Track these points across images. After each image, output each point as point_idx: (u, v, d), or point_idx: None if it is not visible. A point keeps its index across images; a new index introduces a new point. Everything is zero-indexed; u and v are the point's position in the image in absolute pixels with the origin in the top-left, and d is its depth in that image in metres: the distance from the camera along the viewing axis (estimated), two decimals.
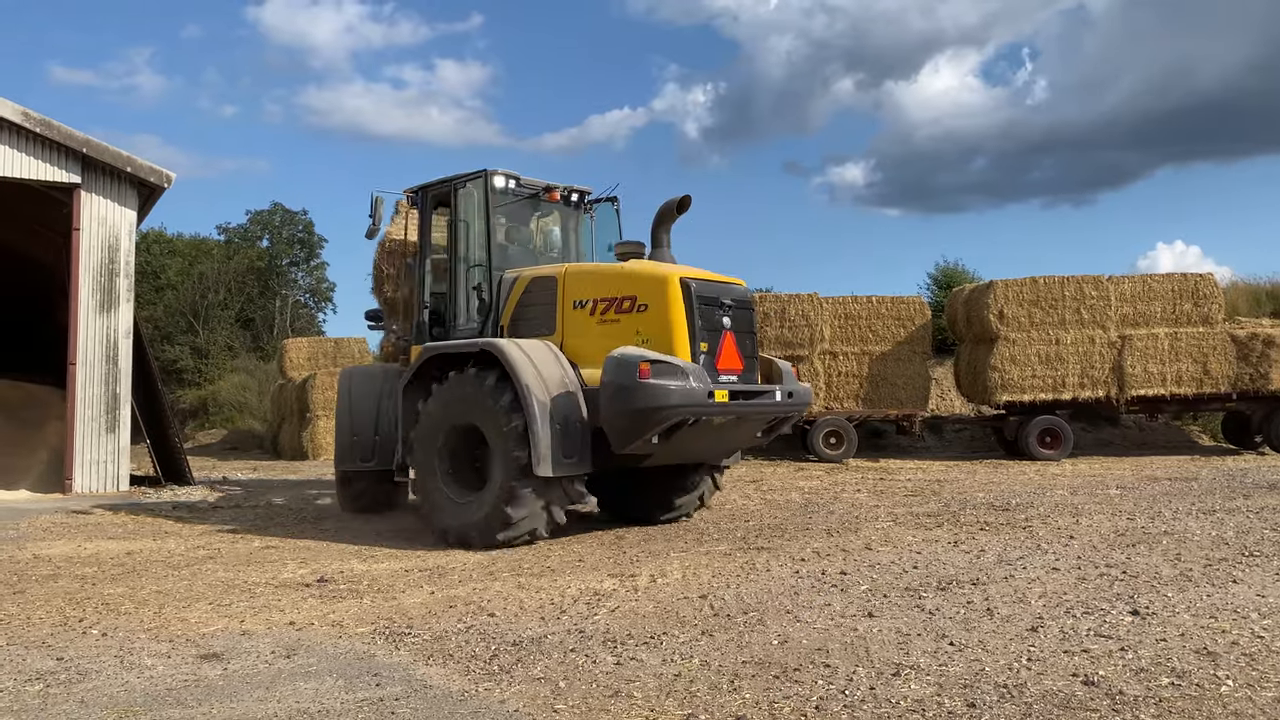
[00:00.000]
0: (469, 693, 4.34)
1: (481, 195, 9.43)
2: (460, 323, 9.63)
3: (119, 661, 4.92)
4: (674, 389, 7.91)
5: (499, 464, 8.21)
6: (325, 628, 5.62)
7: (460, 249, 9.71)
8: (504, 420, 8.12)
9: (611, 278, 8.80)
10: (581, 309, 8.78)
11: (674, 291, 8.42)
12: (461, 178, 9.64)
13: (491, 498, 8.23)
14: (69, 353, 14.39)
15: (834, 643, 5.00)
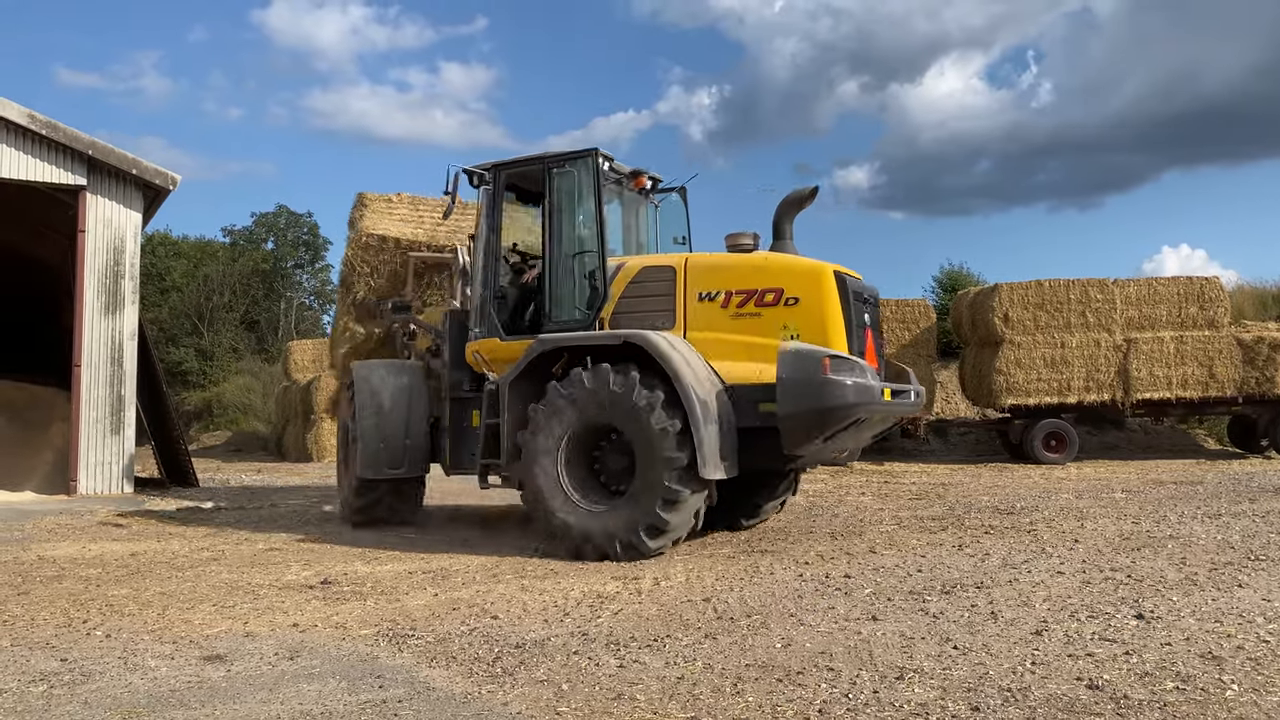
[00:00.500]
0: (472, 695, 4.34)
1: (591, 176, 8.70)
2: (561, 315, 8.70)
3: (123, 663, 4.92)
4: (856, 386, 7.63)
5: (650, 467, 7.60)
6: (329, 630, 5.62)
7: (559, 234, 8.84)
8: (657, 419, 7.55)
9: (750, 269, 8.22)
10: (710, 301, 8.15)
11: (829, 285, 7.99)
12: (558, 156, 8.90)
13: (642, 503, 7.63)
14: (74, 354, 14.42)
15: (837, 646, 4.99)
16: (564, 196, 8.87)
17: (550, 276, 8.79)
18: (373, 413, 9.58)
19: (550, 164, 8.87)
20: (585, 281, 8.69)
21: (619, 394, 7.71)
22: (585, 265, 8.72)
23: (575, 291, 8.74)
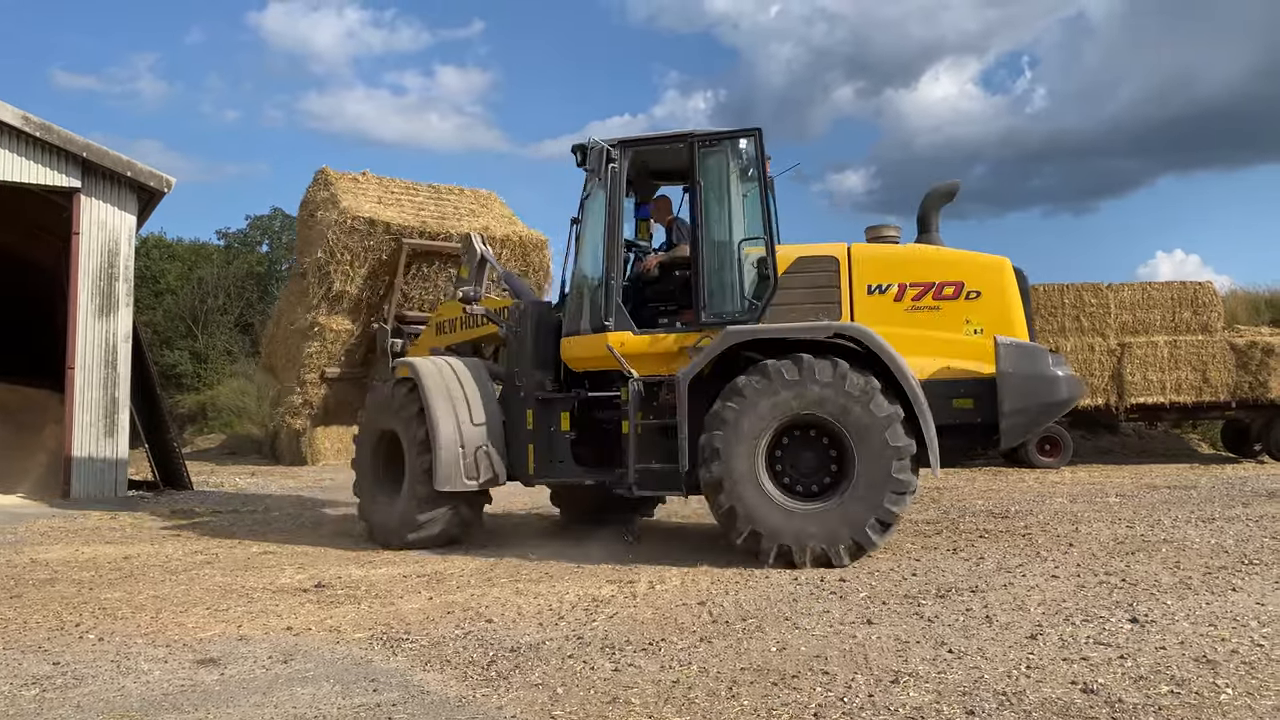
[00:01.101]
0: (466, 699, 4.33)
1: (756, 157, 8.24)
2: (722, 306, 8.09)
3: (115, 666, 4.90)
4: (1069, 379, 7.66)
5: (873, 459, 7.31)
6: (322, 633, 5.60)
7: (712, 218, 8.25)
8: (879, 407, 7.29)
9: (925, 262, 7.96)
10: (882, 294, 7.84)
11: (1010, 278, 7.88)
12: (710, 134, 8.32)
13: (868, 498, 7.33)
14: (68, 356, 14.37)
15: (833, 650, 4.98)
16: (716, 178, 8.30)
17: (703, 265, 8.13)
18: (449, 415, 8.54)
19: (698, 140, 8.25)
20: (752, 270, 8.18)
21: (830, 384, 7.37)
22: (737, 253, 8.17)
23: (735, 280, 8.16)
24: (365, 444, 9.33)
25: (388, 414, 9.00)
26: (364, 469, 9.32)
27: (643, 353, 8.09)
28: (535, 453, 8.56)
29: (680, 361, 7.95)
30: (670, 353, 8.07)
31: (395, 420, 8.87)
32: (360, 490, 9.36)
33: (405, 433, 8.71)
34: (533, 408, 8.61)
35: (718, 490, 7.46)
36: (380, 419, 9.15)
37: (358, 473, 9.40)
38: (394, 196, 12.20)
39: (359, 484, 9.38)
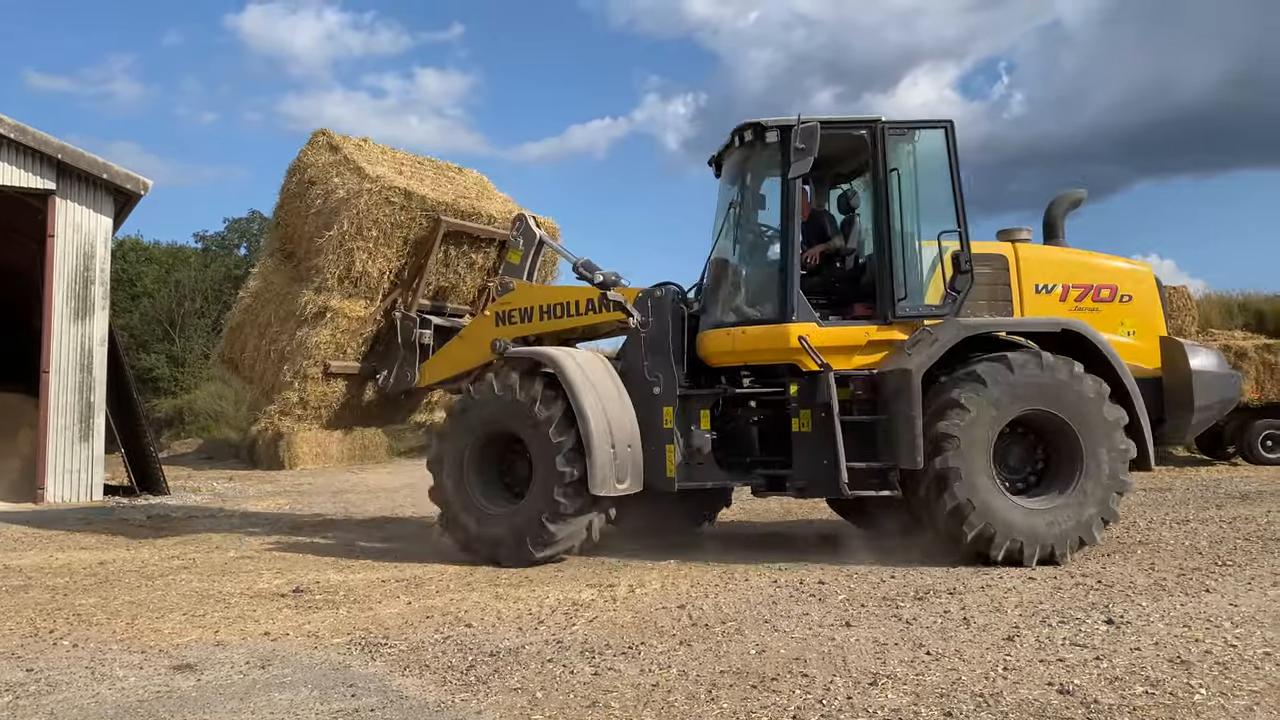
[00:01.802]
0: (445, 703, 4.31)
1: (948, 146, 7.98)
2: (921, 299, 7.88)
3: (90, 673, 4.86)
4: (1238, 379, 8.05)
5: (1099, 458, 7.38)
6: (300, 638, 5.57)
7: (900, 208, 7.91)
8: (1109, 410, 7.40)
9: (1083, 265, 8.20)
10: (1048, 294, 8.01)
11: (1154, 284, 8.28)
12: (900, 123, 8.07)
13: (1095, 495, 7.36)
14: (42, 360, 14.26)
15: (811, 652, 5.00)
16: (907, 167, 8.02)
17: (891, 256, 7.86)
18: (600, 413, 7.78)
19: (887, 127, 7.96)
20: (953, 262, 7.90)
21: (1067, 381, 7.35)
22: (938, 245, 7.96)
23: (929, 273, 7.99)
24: (457, 448, 8.20)
25: (506, 413, 7.98)
26: (456, 477, 8.18)
27: (827, 346, 7.76)
28: (675, 454, 7.98)
29: (868, 355, 7.79)
30: (857, 345, 7.81)
31: (520, 419, 7.89)
32: (450, 501, 8.19)
33: (537, 432, 7.78)
34: (672, 405, 8.02)
35: (948, 484, 7.24)
36: (489, 419, 8.09)
37: (448, 482, 8.21)
38: (409, 169, 10.54)
39: (448, 494, 8.21)
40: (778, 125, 7.88)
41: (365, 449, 23.31)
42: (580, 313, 8.63)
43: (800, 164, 7.62)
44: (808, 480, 7.73)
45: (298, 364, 9.53)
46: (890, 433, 7.46)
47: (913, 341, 7.68)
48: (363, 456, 23.16)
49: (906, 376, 7.36)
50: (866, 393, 7.70)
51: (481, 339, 8.87)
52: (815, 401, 7.66)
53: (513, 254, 9.43)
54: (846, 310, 8.02)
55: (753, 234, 8.43)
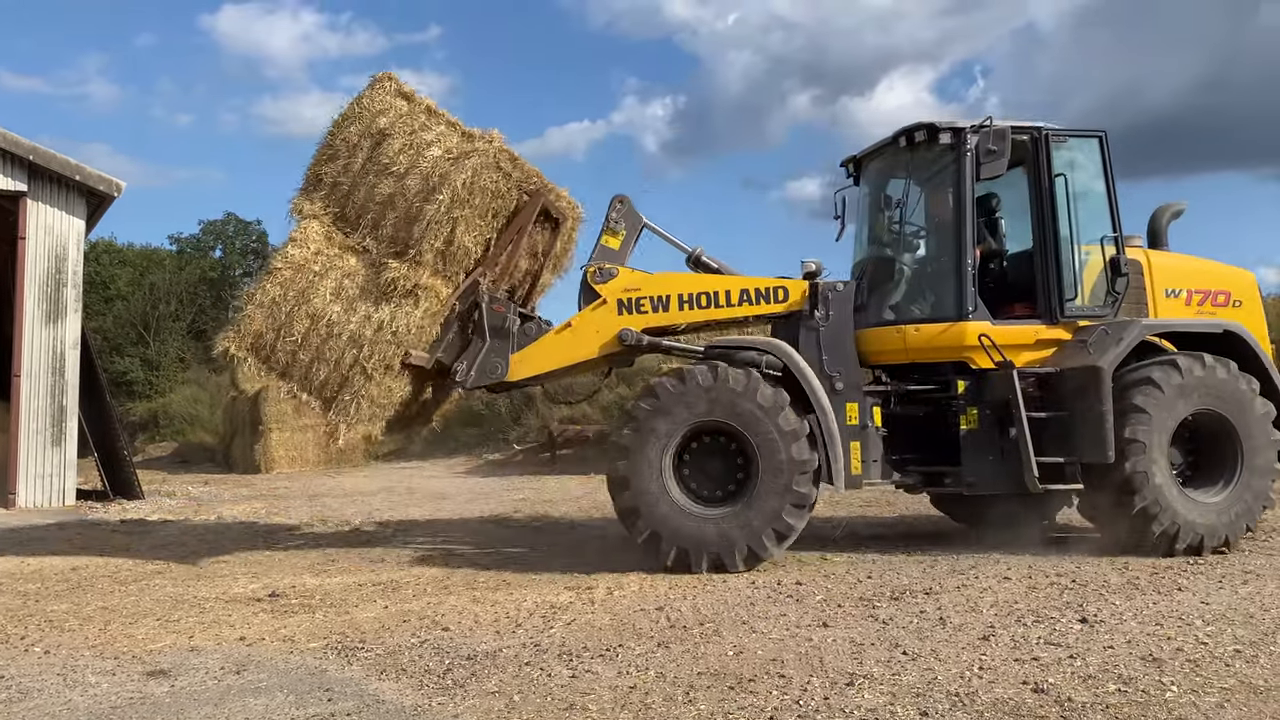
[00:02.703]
0: (422, 708, 4.30)
1: (1102, 155, 8.36)
2: (1086, 300, 8.18)
3: (62, 680, 4.81)
4: None
5: (1252, 458, 7.84)
6: (276, 643, 5.53)
7: (1060, 213, 8.18)
8: (1262, 405, 7.90)
9: (1203, 271, 8.70)
10: (1175, 298, 8.45)
11: (1257, 290, 8.81)
12: (1061, 130, 8.36)
13: (1254, 486, 7.84)
14: (14, 364, 14.09)
15: (789, 653, 5.02)
16: (1064, 171, 8.30)
17: (1058, 258, 8.15)
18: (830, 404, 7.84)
19: (1050, 133, 8.28)
20: (1112, 266, 8.23)
21: (1227, 381, 7.81)
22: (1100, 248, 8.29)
23: (1090, 275, 8.30)
24: (658, 444, 7.58)
25: (722, 404, 7.55)
26: (656, 475, 7.55)
27: (1001, 344, 7.94)
28: (860, 451, 7.89)
29: (1034, 353, 8.07)
30: (1025, 344, 8.06)
31: (741, 411, 7.51)
32: (651, 502, 7.53)
33: (766, 422, 7.47)
34: (857, 401, 7.95)
35: (1137, 487, 7.53)
36: (702, 411, 7.59)
37: (646, 481, 7.55)
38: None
39: (649, 494, 7.53)
40: (951, 128, 8.17)
41: (342, 452, 23.12)
42: (732, 303, 8.34)
43: (992, 165, 7.91)
44: (979, 476, 7.90)
45: (382, 351, 7.88)
46: (1077, 428, 7.70)
47: (1093, 339, 7.95)
48: (339, 460, 23.01)
49: (1096, 373, 7.64)
50: (1037, 389, 7.94)
51: (598, 329, 8.22)
52: (984, 399, 7.89)
53: (610, 238, 8.58)
54: (1004, 310, 8.27)
55: (918, 233, 8.67)
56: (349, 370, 7.92)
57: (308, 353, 7.98)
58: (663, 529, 7.43)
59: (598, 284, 8.32)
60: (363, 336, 7.88)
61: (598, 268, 8.32)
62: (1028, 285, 8.27)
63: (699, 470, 7.72)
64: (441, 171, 8.05)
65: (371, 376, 7.86)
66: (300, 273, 8.07)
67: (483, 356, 8.17)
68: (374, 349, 7.86)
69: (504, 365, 8.20)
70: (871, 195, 8.97)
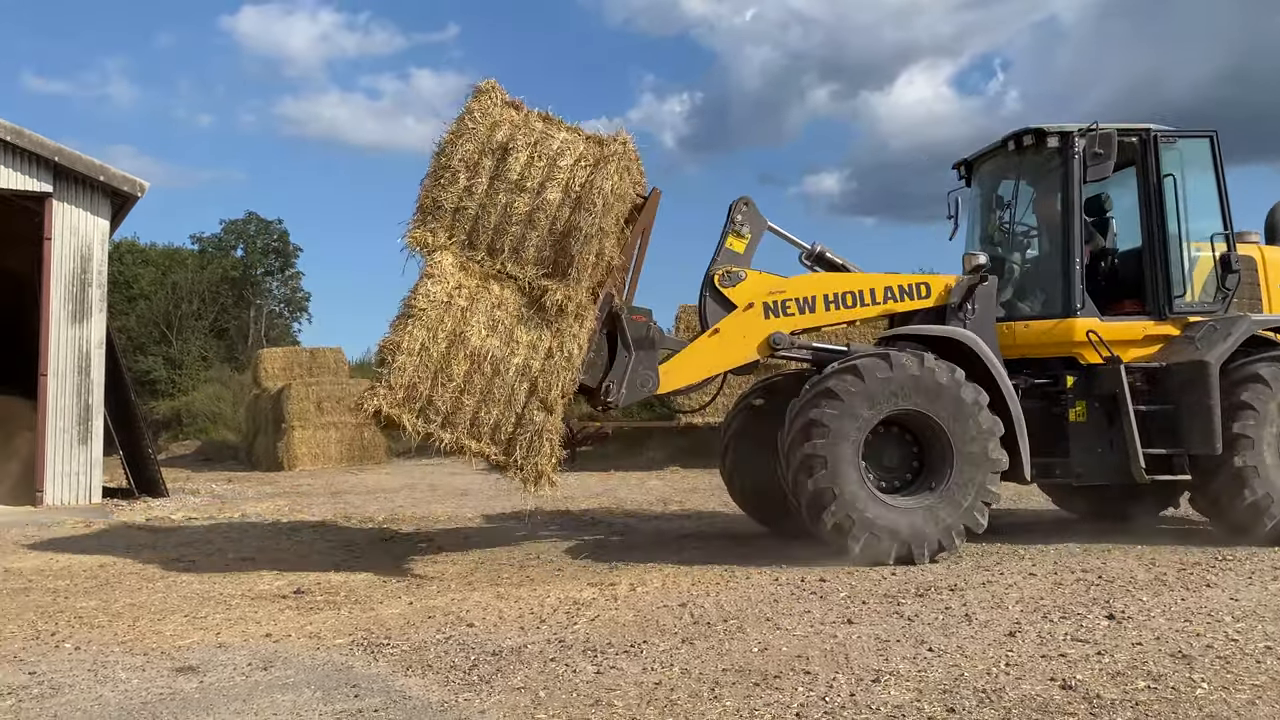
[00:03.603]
0: (449, 703, 4.31)
1: (1213, 155, 8.61)
2: (1196, 296, 8.47)
3: (92, 675, 4.86)
4: None
5: None
6: (302, 639, 5.57)
7: (1169, 211, 8.44)
8: None
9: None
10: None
11: None
12: (1171, 131, 8.59)
13: None
14: (40, 363, 14.21)
15: (814, 650, 5.01)
16: (1181, 170, 8.53)
17: (1167, 256, 8.43)
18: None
19: (1159, 135, 8.52)
20: (1222, 264, 8.49)
21: None
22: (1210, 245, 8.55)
23: (1197, 273, 8.56)
24: (855, 432, 7.43)
25: (921, 393, 7.49)
26: (852, 464, 7.40)
27: (1109, 339, 8.21)
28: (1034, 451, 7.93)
29: (1142, 349, 8.30)
30: (1134, 340, 8.31)
31: (944, 402, 7.49)
32: (849, 492, 7.34)
33: (964, 419, 7.49)
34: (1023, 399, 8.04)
35: (1247, 481, 7.73)
36: (900, 396, 7.49)
37: (845, 470, 7.36)
38: None
39: (851, 484, 7.37)
40: (1059, 131, 8.40)
41: (364, 450, 23.28)
42: (876, 301, 8.43)
43: (1099, 168, 8.13)
44: (1087, 468, 8.06)
45: (559, 379, 7.28)
46: (1185, 421, 7.87)
47: (1201, 335, 8.15)
48: (361, 457, 23.12)
49: (1204, 368, 7.79)
50: (1144, 383, 8.13)
51: (745, 334, 8.16)
52: (1093, 392, 8.10)
53: (735, 241, 8.38)
54: (1114, 307, 8.46)
55: (1027, 234, 8.92)
56: (524, 407, 7.24)
57: (472, 396, 7.20)
58: (854, 515, 7.27)
59: (726, 288, 8.21)
60: (531, 368, 7.27)
61: (725, 271, 8.22)
62: (1137, 283, 8.54)
63: (873, 458, 7.66)
64: (582, 180, 7.51)
65: (553, 409, 7.24)
66: (447, 310, 7.26)
67: (631, 371, 7.87)
68: (548, 378, 7.27)
69: (654, 378, 7.95)
70: (983, 196, 9.34)
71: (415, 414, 7.14)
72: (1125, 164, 8.63)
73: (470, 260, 7.53)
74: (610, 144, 7.68)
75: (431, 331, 7.16)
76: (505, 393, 7.22)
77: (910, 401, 7.50)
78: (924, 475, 7.71)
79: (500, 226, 7.54)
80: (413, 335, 7.10)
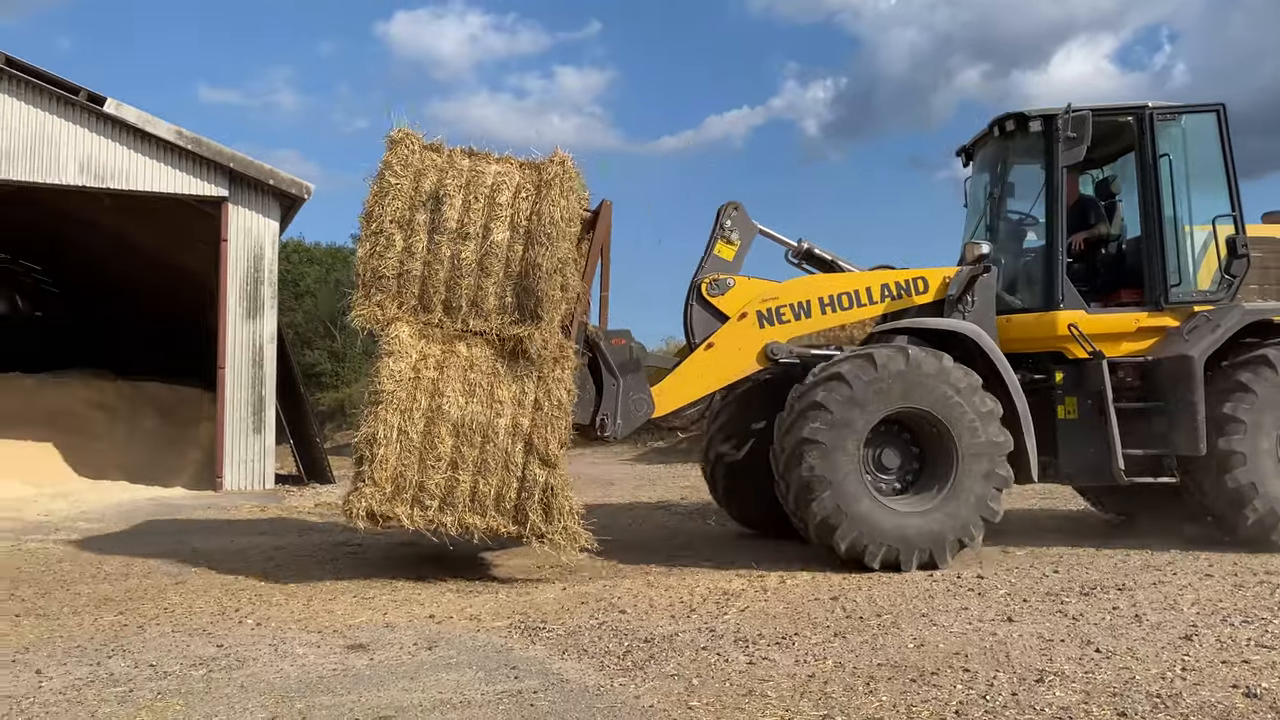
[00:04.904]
0: (604, 687, 4.40)
1: (1220, 130, 7.98)
2: (1194, 285, 7.86)
3: (273, 650, 5.17)
4: None
5: None
6: (463, 621, 5.78)
7: (1177, 194, 7.87)
8: None
9: None
10: None
11: None
12: (1168, 108, 8.02)
13: None
14: (218, 357, 15.20)
15: (972, 647, 4.88)
16: (1174, 151, 7.96)
17: (1162, 241, 7.83)
18: None
19: (1157, 115, 7.94)
20: (1224, 246, 7.88)
21: None
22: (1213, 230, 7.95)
23: (1200, 257, 7.98)
24: (857, 431, 7.07)
25: (915, 389, 7.11)
26: (852, 465, 7.03)
27: (1095, 333, 7.74)
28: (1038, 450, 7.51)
29: (1137, 342, 7.81)
30: (1126, 332, 7.84)
31: (937, 395, 7.09)
32: (846, 494, 6.96)
33: (961, 407, 7.08)
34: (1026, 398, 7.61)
35: (1230, 467, 7.28)
36: (892, 396, 7.10)
37: (841, 472, 6.99)
38: None
39: (845, 486, 6.97)
40: (1041, 115, 7.96)
41: None
42: (874, 300, 8.02)
43: (1072, 152, 7.72)
44: (1075, 467, 7.68)
45: (554, 429, 6.91)
46: (1169, 419, 7.43)
47: (1190, 327, 7.64)
48: None
49: (1187, 363, 7.35)
50: (1136, 379, 7.71)
51: (741, 347, 7.78)
52: (1083, 389, 7.65)
53: (724, 247, 8.06)
54: (1111, 297, 8.03)
55: (1014, 223, 8.53)
56: (524, 468, 6.83)
57: (466, 470, 6.83)
58: (865, 529, 6.92)
59: (714, 297, 7.84)
60: (522, 425, 6.86)
61: (712, 280, 7.84)
62: (1139, 271, 7.97)
63: (873, 462, 7.32)
64: (527, 212, 7.09)
65: (554, 462, 6.83)
66: (416, 386, 6.88)
67: (623, 400, 7.53)
68: (543, 431, 6.86)
69: (648, 401, 7.62)
70: (976, 185, 8.89)
71: (409, 504, 6.82)
72: (1126, 146, 8.20)
73: (429, 325, 7.10)
74: (548, 167, 7.25)
75: (406, 413, 6.81)
76: (500, 458, 6.82)
77: (909, 400, 7.11)
78: (928, 472, 7.29)
79: (452, 282, 7.08)
80: (387, 422, 6.77)
